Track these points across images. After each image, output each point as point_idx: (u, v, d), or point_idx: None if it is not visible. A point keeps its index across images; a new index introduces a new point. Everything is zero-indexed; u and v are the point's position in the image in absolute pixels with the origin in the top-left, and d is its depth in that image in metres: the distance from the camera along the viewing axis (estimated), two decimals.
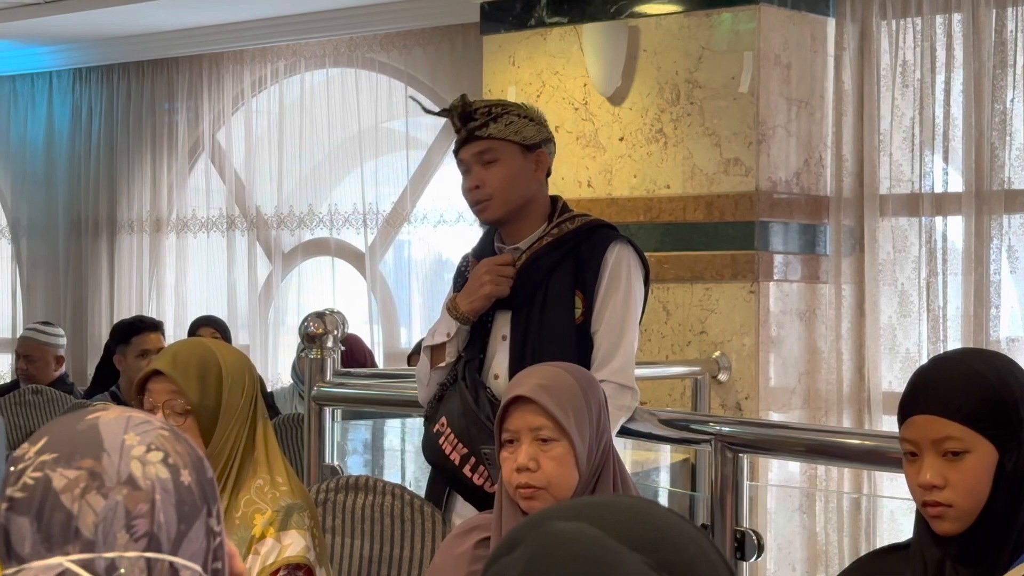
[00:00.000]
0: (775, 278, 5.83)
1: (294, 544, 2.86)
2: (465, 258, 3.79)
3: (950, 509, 2.25)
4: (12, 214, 9.31)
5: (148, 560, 1.43)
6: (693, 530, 1.18)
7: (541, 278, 3.57)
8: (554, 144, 3.74)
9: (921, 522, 2.32)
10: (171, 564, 1.44)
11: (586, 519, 1.15)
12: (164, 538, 1.44)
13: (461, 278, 3.72)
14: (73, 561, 1.41)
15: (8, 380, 8.14)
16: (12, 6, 7.76)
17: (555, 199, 3.72)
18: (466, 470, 3.47)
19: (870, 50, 5.92)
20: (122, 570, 1.42)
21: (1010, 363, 2.36)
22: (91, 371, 7.16)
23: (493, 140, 3.57)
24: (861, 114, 5.94)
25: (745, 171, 5.79)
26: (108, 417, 1.49)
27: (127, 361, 5.93)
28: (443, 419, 3.54)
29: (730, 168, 5.83)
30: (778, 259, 5.85)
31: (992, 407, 2.25)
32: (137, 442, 1.47)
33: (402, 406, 4.94)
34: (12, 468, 1.47)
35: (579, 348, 3.52)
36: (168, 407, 2.86)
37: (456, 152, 3.66)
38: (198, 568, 1.47)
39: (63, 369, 6.92)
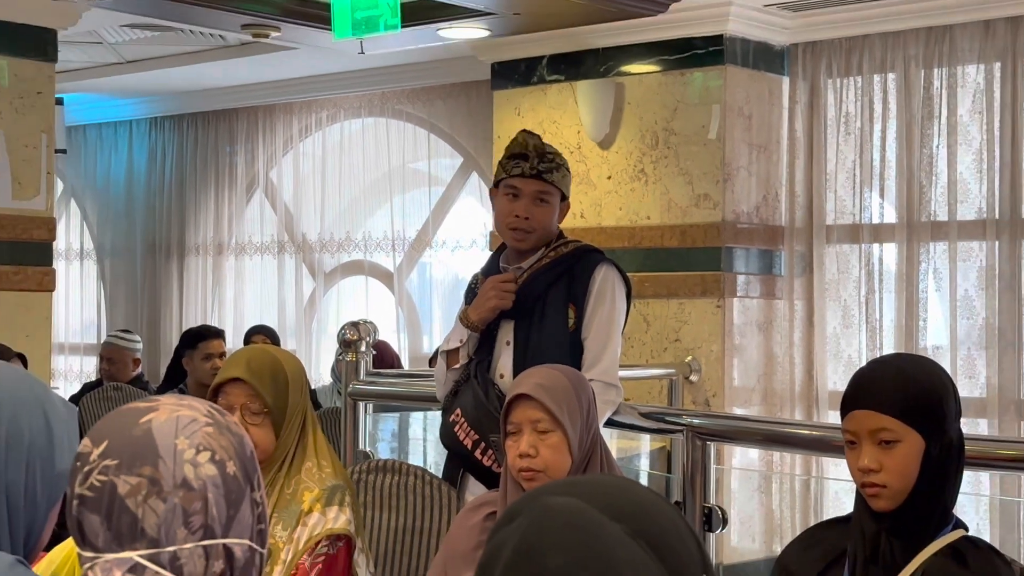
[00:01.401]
0: (738, 295, 5.83)
1: (337, 518, 2.85)
2: (475, 276, 3.78)
3: (884, 489, 2.24)
4: (98, 240, 9.32)
5: (205, 547, 1.43)
6: (666, 505, 1.17)
7: (540, 293, 3.56)
8: None
9: (860, 500, 2.31)
10: (224, 546, 1.44)
11: (575, 495, 1.14)
12: (217, 526, 1.44)
13: (471, 292, 3.71)
14: (141, 556, 1.41)
15: (94, 379, 8.14)
16: (98, 65, 7.78)
17: None
18: (477, 453, 3.46)
19: (818, 104, 5.93)
20: (183, 560, 1.42)
21: (935, 366, 2.35)
22: (163, 371, 7.16)
23: (552, 186, 3.53)
24: (811, 157, 5.95)
25: (713, 205, 5.79)
26: (159, 420, 1.46)
27: (194, 363, 5.92)
28: (458, 410, 3.52)
29: (700, 202, 5.83)
30: (740, 279, 5.85)
31: (920, 403, 2.24)
32: (187, 445, 1.45)
33: (424, 401, 4.93)
34: (78, 464, 1.46)
35: (572, 352, 3.50)
36: (246, 409, 2.85)
37: (512, 177, 3.53)
38: (246, 542, 1.47)
39: (139, 369, 6.91)
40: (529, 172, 3.51)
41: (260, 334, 6.71)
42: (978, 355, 5.54)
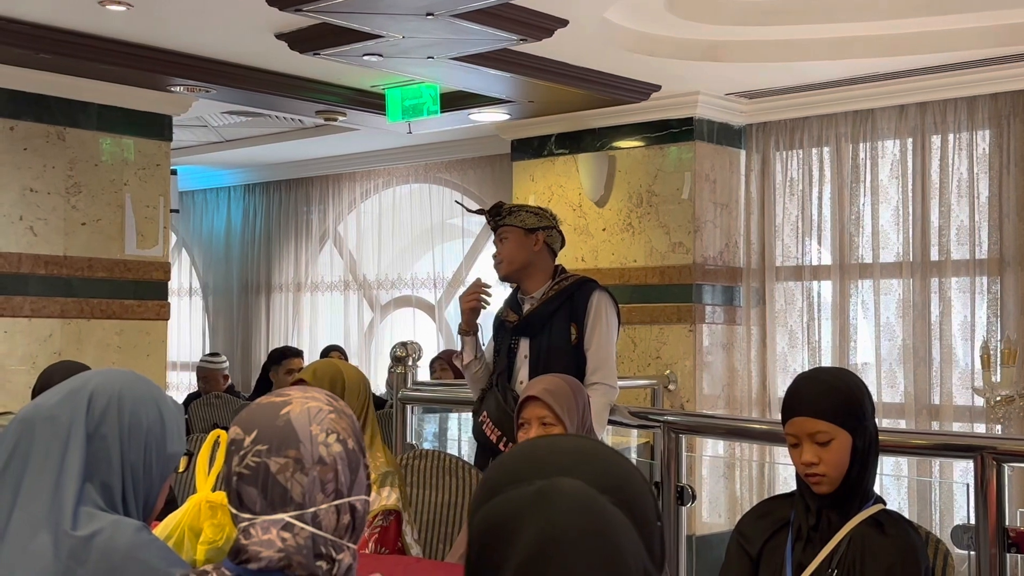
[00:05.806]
0: (706, 322, 5.82)
1: (388, 496, 2.85)
2: (501, 310, 3.82)
3: (824, 478, 2.24)
4: (203, 280, 9.37)
5: (337, 506, 1.48)
6: (627, 462, 1.11)
7: (548, 316, 3.59)
8: (557, 231, 3.74)
9: (802, 483, 2.31)
10: (350, 503, 1.49)
11: (573, 473, 1.07)
12: (344, 488, 1.49)
13: (497, 320, 3.76)
14: (291, 516, 1.45)
15: (193, 391, 8.16)
16: (204, 143, 7.85)
17: (557, 266, 3.75)
18: (500, 446, 3.48)
19: (768, 171, 5.94)
20: (321, 517, 1.47)
21: (851, 374, 2.34)
22: (254, 382, 7.18)
23: (506, 227, 3.65)
24: (763, 213, 5.95)
25: (686, 251, 5.80)
26: (295, 412, 1.50)
27: (278, 376, 5.95)
28: (484, 413, 3.56)
29: (676, 249, 5.83)
30: (708, 309, 5.84)
31: (844, 407, 2.23)
32: (319, 431, 1.49)
33: (456, 404, 4.95)
34: (233, 448, 1.49)
35: (575, 360, 3.55)
36: None
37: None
38: (364, 497, 1.51)
39: (229, 382, 6.93)
40: (492, 227, 3.74)
41: (335, 351, 6.74)
42: (898, 369, 5.52)
